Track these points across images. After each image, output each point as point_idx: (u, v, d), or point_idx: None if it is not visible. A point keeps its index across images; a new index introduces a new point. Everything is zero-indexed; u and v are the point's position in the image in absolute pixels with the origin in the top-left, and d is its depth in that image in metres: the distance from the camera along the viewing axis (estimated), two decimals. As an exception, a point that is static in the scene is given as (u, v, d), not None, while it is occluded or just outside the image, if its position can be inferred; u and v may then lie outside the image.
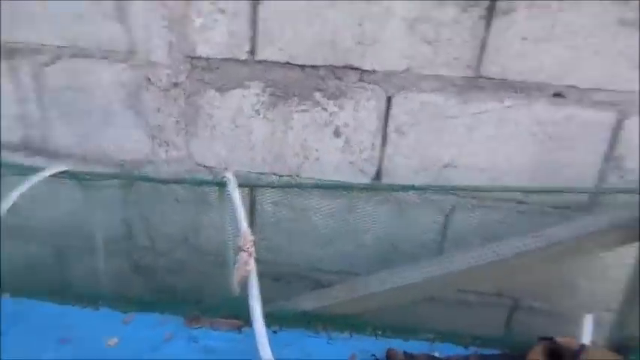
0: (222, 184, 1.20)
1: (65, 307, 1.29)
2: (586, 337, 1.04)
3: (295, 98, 1.26)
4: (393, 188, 1.26)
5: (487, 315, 1.42)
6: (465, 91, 1.16)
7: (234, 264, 1.04)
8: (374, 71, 1.19)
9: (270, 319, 1.07)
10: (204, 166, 1.39)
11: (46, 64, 1.37)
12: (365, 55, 1.18)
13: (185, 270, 1.53)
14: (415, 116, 1.22)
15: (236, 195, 1.13)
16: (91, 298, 1.31)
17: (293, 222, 1.38)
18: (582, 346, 1.03)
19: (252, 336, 1.02)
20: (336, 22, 1.16)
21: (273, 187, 1.32)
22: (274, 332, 1.16)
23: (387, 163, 1.28)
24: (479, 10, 1.08)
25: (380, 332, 1.22)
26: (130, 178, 1.40)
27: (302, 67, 1.22)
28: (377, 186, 1.29)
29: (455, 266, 1.17)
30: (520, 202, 1.25)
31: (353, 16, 1.14)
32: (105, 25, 1.29)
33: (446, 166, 1.25)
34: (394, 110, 1.22)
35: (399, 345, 1.17)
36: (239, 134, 1.33)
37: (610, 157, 1.16)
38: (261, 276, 1.01)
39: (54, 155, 1.47)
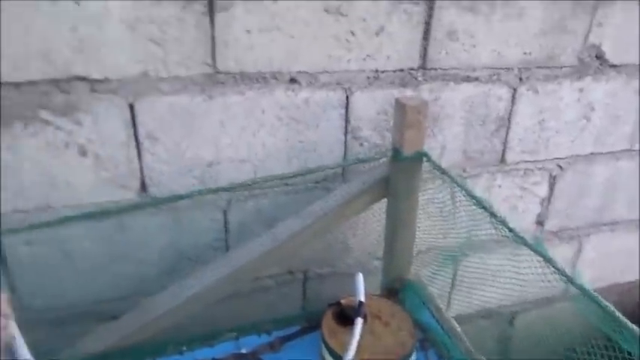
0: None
1: None
2: (360, 293, 1.15)
3: (18, 122, 1.08)
4: (157, 202, 1.20)
5: (285, 293, 1.49)
6: (208, 88, 1.15)
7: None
8: (106, 80, 1.09)
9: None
10: None
11: None
12: (90, 64, 1.06)
13: None
14: (164, 120, 1.16)
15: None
16: None
17: (56, 257, 1.21)
18: (360, 303, 1.15)
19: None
20: (45, 30, 1.01)
21: (18, 232, 1.12)
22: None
23: (149, 173, 1.21)
24: (199, 7, 1.07)
25: (184, 348, 1.17)
26: None
27: (16, 84, 1.05)
28: (141, 204, 1.21)
29: (240, 260, 1.18)
30: (285, 185, 1.32)
31: (63, 22, 1.01)
32: None
33: (209, 164, 1.24)
34: (141, 117, 1.15)
35: (206, 354, 1.15)
36: (-47, 175, 1.09)
37: (347, 129, 1.30)
38: (33, 329, 0.88)
39: None
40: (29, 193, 1.14)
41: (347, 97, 1.26)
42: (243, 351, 1.16)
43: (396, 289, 1.31)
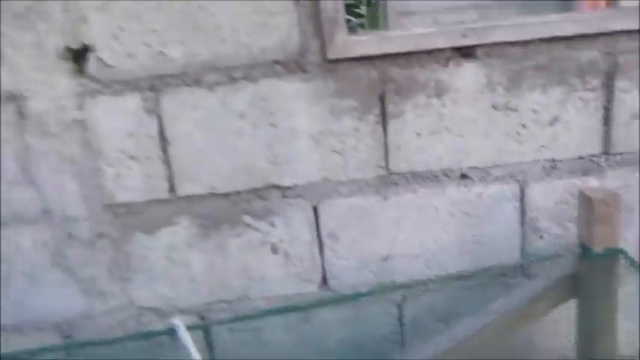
0: (171, 332, 1.16)
1: None
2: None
3: (226, 225, 1.28)
4: (341, 299, 1.28)
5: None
6: (383, 189, 1.24)
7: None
8: (295, 186, 1.25)
9: None
10: (148, 308, 1.35)
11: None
12: (282, 173, 1.24)
13: None
14: (343, 220, 1.27)
15: (188, 341, 1.09)
16: None
17: (251, 344, 1.34)
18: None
19: None
20: (248, 148, 1.22)
21: (225, 324, 1.28)
22: None
23: (329, 268, 1.31)
24: (373, 117, 1.19)
25: None
26: (65, 347, 1.29)
27: (226, 194, 1.26)
28: (326, 300, 1.30)
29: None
30: (461, 279, 1.30)
31: (262, 141, 1.21)
32: (13, 190, 1.27)
33: (384, 259, 1.30)
34: (323, 218, 1.27)
35: None
36: (177, 270, 1.32)
37: (524, 221, 1.26)
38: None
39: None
40: (231, 286, 1.32)
41: (521, 189, 1.23)
42: None
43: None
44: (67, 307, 1.35)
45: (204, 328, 1.28)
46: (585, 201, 1.01)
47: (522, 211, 1.25)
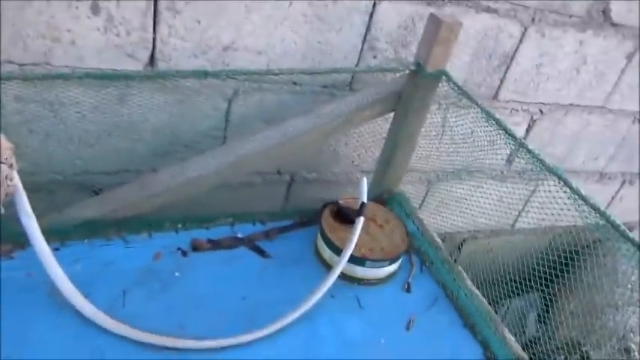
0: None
1: None
2: (363, 195, 1.17)
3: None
4: (170, 75, 1.15)
5: (269, 192, 1.53)
6: (241, -34, 1.10)
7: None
8: None
9: (45, 236, 0.93)
10: None
11: None
12: None
13: None
14: (189, -8, 1.10)
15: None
16: None
17: (48, 120, 1.15)
18: (363, 204, 1.17)
19: (31, 259, 0.89)
20: None
21: (19, 80, 1.03)
22: (56, 250, 1.00)
23: (161, 47, 1.15)
24: None
25: (180, 225, 1.19)
26: None
27: None
28: (150, 74, 1.16)
29: (241, 152, 1.20)
30: (294, 84, 1.31)
31: None
32: None
33: (226, 48, 1.20)
34: (165, -16, 1.08)
35: (201, 234, 1.18)
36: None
37: (366, 38, 1.30)
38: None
39: None
40: (27, 46, 1.06)
41: (374, 4, 1.25)
42: (239, 235, 1.21)
43: (384, 200, 1.38)
44: None
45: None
46: (434, 22, 1.09)
47: (368, 28, 1.28)
